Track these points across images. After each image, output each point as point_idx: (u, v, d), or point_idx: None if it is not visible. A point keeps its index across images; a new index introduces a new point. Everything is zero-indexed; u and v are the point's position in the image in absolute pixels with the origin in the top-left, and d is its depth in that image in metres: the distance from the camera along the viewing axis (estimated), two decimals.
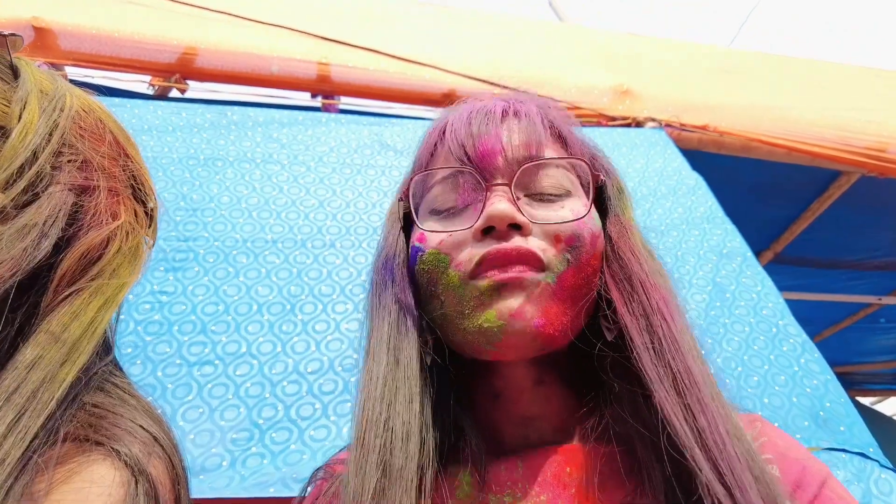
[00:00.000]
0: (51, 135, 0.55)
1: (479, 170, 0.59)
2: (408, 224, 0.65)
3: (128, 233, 0.60)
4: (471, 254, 0.56)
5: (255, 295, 1.25)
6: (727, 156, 2.14)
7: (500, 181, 0.58)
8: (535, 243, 0.56)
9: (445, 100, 1.99)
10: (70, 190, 0.56)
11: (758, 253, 2.72)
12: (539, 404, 0.61)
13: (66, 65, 1.84)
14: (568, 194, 0.60)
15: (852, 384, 4.84)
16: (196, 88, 1.90)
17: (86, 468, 0.48)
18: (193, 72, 1.90)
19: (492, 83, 1.98)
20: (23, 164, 0.52)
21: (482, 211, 0.56)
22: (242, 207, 1.41)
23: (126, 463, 0.49)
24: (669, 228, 1.68)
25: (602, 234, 0.61)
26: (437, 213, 0.60)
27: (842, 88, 2.39)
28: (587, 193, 0.61)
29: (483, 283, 0.55)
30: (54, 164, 0.55)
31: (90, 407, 0.53)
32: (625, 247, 0.60)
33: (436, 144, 0.64)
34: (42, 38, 1.80)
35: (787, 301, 1.50)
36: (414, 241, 0.61)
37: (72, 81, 1.88)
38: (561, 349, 0.59)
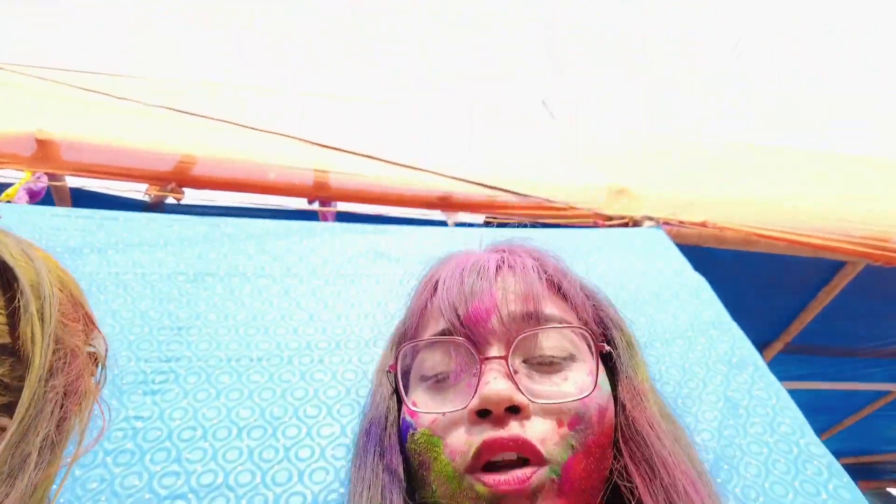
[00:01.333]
0: (49, 349, 0.52)
1: (472, 336, 0.55)
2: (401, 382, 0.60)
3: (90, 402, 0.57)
4: (467, 442, 0.52)
5: (235, 418, 1.18)
6: (729, 250, 2.11)
7: (495, 353, 0.53)
8: (534, 431, 0.51)
9: (442, 203, 2.00)
10: (61, 394, 0.52)
11: (768, 343, 2.64)
12: None
13: (66, 174, 1.87)
14: (571, 359, 0.55)
15: (881, 474, 4.59)
16: (192, 197, 1.92)
17: None
18: (190, 179, 1.92)
19: (487, 186, 1.99)
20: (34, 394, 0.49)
21: (476, 389, 0.52)
22: (229, 324, 1.37)
23: None
24: (675, 336, 1.61)
25: (611, 404, 0.56)
26: (427, 380, 0.57)
27: (841, 177, 2.39)
28: (592, 354, 0.56)
29: (481, 488, 0.50)
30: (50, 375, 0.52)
31: None
32: (641, 419, 0.55)
33: (427, 302, 0.61)
34: (44, 150, 1.83)
35: (803, 391, 1.41)
36: (405, 413, 0.56)
37: (71, 189, 1.86)
38: None
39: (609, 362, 0.59)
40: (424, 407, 0.55)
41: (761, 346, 1.56)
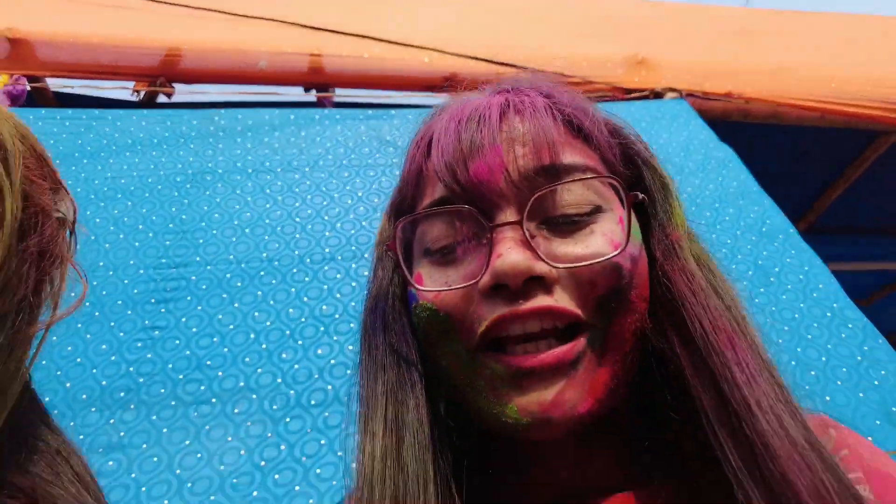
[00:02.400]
0: (19, 204, 0.46)
1: (477, 201, 0.45)
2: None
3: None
4: (478, 317, 0.43)
5: (251, 322, 1.17)
6: (751, 123, 1.99)
7: (507, 217, 0.44)
8: (565, 298, 0.43)
9: (447, 84, 1.86)
10: (35, 254, 0.48)
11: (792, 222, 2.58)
12: (581, 466, 0.48)
13: (45, 76, 1.75)
14: (598, 210, 0.45)
15: None
16: (183, 91, 1.80)
17: None
18: (178, 73, 1.80)
19: (496, 62, 1.85)
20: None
21: (489, 262, 0.42)
22: (235, 225, 1.32)
23: None
24: (702, 208, 1.55)
25: (644, 249, 0.48)
26: (432, 252, 0.47)
27: (876, 41, 2.20)
28: (621, 200, 0.46)
29: (497, 366, 0.43)
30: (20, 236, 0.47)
31: (16, 488, 0.45)
32: (674, 272, 0.46)
33: (421, 165, 0.50)
34: (18, 50, 1.70)
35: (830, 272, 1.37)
36: (410, 288, 0.48)
37: (54, 93, 1.75)
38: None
39: (641, 208, 0.50)
40: (431, 284, 0.46)
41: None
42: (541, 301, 0.42)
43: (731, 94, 1.90)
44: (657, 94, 1.86)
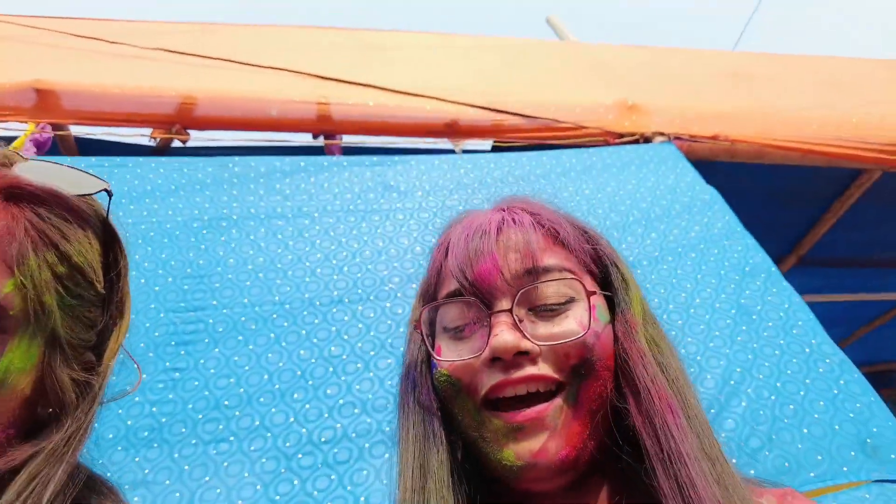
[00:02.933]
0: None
1: (480, 294, 0.60)
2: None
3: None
4: (482, 382, 0.58)
5: (265, 363, 1.25)
6: (741, 163, 2.09)
7: (502, 306, 0.59)
8: (546, 367, 0.57)
9: (448, 130, 1.97)
10: None
11: (781, 257, 2.66)
12: (571, 501, 0.61)
13: (69, 124, 1.86)
14: (571, 301, 0.61)
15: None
16: (198, 138, 1.90)
17: None
18: (193, 121, 1.90)
19: (493, 109, 1.96)
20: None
21: (488, 340, 0.57)
22: (249, 269, 1.41)
23: None
24: (687, 249, 1.64)
25: (609, 329, 0.62)
26: (448, 330, 0.63)
27: (855, 84, 2.31)
28: (587, 296, 0.62)
29: (498, 422, 0.57)
30: None
31: None
32: (631, 349, 0.60)
33: (441, 264, 0.66)
34: (44, 100, 1.81)
35: (817, 304, 1.45)
36: (433, 358, 0.64)
37: (76, 139, 1.86)
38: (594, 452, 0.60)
39: (607, 296, 0.66)
40: (447, 355, 0.61)
41: (774, 260, 1.57)
42: (528, 370, 0.56)
43: (717, 137, 2.00)
44: (646, 139, 1.96)
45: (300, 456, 1.13)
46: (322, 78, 1.93)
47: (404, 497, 0.59)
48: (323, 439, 1.15)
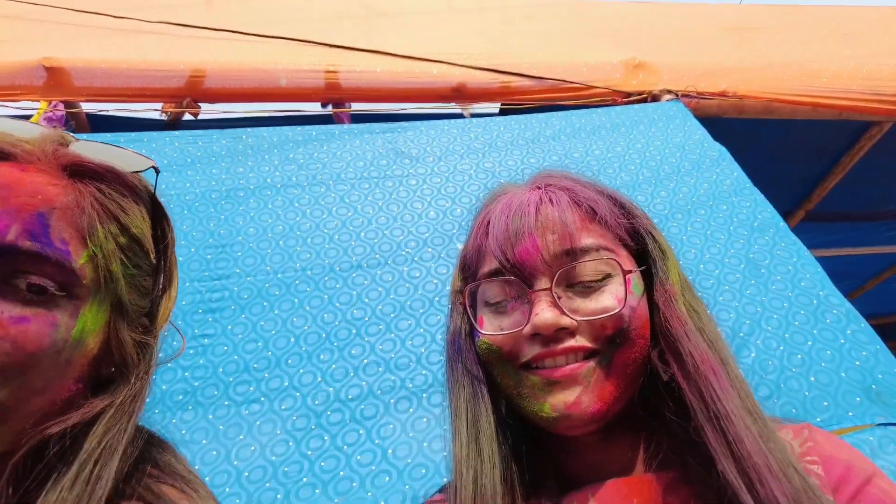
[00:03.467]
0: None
1: (521, 274, 0.64)
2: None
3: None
4: (522, 352, 0.62)
5: (290, 327, 1.29)
6: (749, 119, 2.09)
7: (542, 285, 0.63)
8: (583, 339, 0.61)
9: (456, 94, 1.97)
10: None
11: (788, 213, 2.67)
12: (606, 452, 0.66)
13: (81, 101, 1.87)
14: (608, 277, 0.64)
15: None
16: (208, 111, 1.92)
17: None
18: (203, 93, 1.91)
19: (501, 72, 1.96)
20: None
21: (529, 316, 0.61)
22: (269, 237, 1.44)
23: None
24: (696, 206, 1.66)
25: (644, 300, 0.66)
26: (490, 305, 0.67)
27: (865, 34, 2.29)
28: (623, 273, 0.65)
29: (536, 378, 0.61)
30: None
31: (139, 472, 0.58)
32: (672, 318, 0.64)
33: (482, 242, 0.69)
34: (55, 78, 1.82)
35: (826, 258, 1.48)
36: (476, 325, 0.68)
37: (87, 116, 1.88)
38: (626, 407, 0.64)
39: (645, 267, 0.69)
40: (488, 328, 0.65)
41: (782, 215, 1.59)
42: (567, 343, 0.61)
43: (725, 93, 2.00)
44: (654, 97, 1.96)
45: (329, 413, 1.17)
46: (329, 46, 1.93)
47: (460, 450, 0.64)
48: (350, 396, 1.20)
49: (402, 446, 1.15)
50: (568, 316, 0.60)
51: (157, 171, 0.63)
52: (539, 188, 0.69)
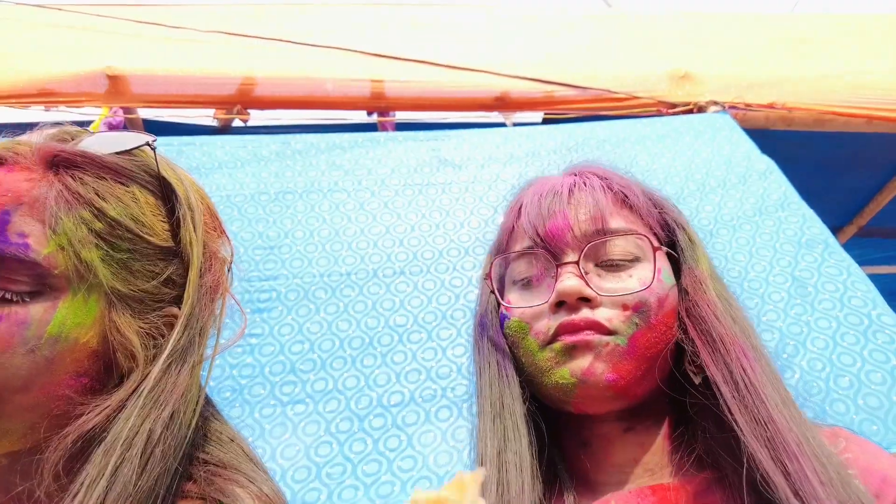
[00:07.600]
0: (202, 252, 0.62)
1: (549, 248, 0.65)
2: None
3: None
4: (547, 325, 0.64)
5: (335, 330, 1.31)
6: (798, 131, 2.04)
7: (569, 258, 0.64)
8: (602, 314, 0.62)
9: (499, 103, 1.99)
10: (209, 288, 0.63)
11: (840, 228, 2.59)
12: (630, 450, 0.65)
13: (138, 107, 1.95)
14: (637, 260, 0.65)
15: None
16: (257, 118, 1.97)
17: None
18: (253, 101, 1.97)
19: (545, 81, 1.96)
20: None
21: (554, 287, 0.63)
22: (315, 241, 1.48)
23: None
24: (742, 221, 1.63)
25: (674, 291, 0.66)
26: (517, 283, 0.69)
27: None
28: (653, 254, 0.66)
29: (557, 345, 0.62)
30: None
31: (202, 463, 0.59)
32: (701, 302, 0.64)
33: (513, 223, 0.71)
34: (116, 86, 1.90)
35: (879, 276, 1.43)
36: (502, 308, 0.70)
37: (144, 121, 1.96)
38: (649, 396, 0.64)
39: (674, 258, 0.69)
40: (516, 304, 0.67)
41: (832, 231, 1.55)
42: (586, 314, 0.62)
43: (773, 105, 1.96)
44: (700, 108, 1.93)
45: (372, 417, 1.19)
46: (375, 55, 1.96)
47: (485, 427, 0.65)
48: (392, 402, 1.22)
49: (443, 455, 1.15)
50: (592, 288, 0.62)
51: (151, 146, 0.61)
52: (573, 174, 0.71)
